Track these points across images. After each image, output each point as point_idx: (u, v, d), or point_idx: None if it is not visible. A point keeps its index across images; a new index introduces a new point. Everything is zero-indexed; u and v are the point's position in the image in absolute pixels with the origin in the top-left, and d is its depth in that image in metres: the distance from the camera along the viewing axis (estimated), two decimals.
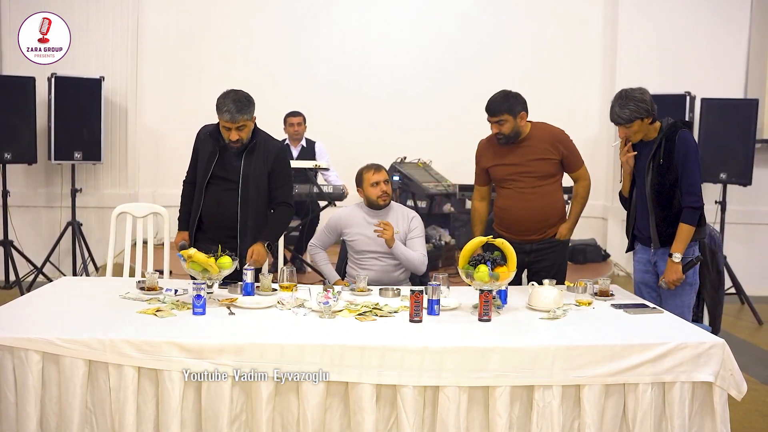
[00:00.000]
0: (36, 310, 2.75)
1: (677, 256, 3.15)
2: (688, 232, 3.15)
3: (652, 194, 3.22)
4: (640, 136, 3.23)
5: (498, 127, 3.46)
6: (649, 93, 3.20)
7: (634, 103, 3.12)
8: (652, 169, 3.21)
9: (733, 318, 5.70)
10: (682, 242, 3.15)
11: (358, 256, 3.70)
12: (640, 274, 3.41)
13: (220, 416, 2.34)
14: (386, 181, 3.70)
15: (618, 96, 3.20)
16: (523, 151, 3.51)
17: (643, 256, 3.38)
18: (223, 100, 3.23)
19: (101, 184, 6.51)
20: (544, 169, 3.51)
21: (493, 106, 3.47)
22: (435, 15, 7.29)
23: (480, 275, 2.78)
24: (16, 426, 2.35)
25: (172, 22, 6.93)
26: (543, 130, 3.57)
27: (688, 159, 3.15)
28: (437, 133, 7.14)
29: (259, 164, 3.36)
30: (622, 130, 3.22)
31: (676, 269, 3.15)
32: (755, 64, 6.56)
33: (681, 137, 3.18)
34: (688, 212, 3.15)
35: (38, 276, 5.89)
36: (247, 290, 3.01)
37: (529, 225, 3.52)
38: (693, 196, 3.16)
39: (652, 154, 3.21)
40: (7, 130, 5.66)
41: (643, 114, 3.14)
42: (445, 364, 2.35)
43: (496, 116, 3.45)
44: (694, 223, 3.15)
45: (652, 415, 2.42)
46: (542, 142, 3.52)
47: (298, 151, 6.13)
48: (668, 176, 3.18)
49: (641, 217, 3.33)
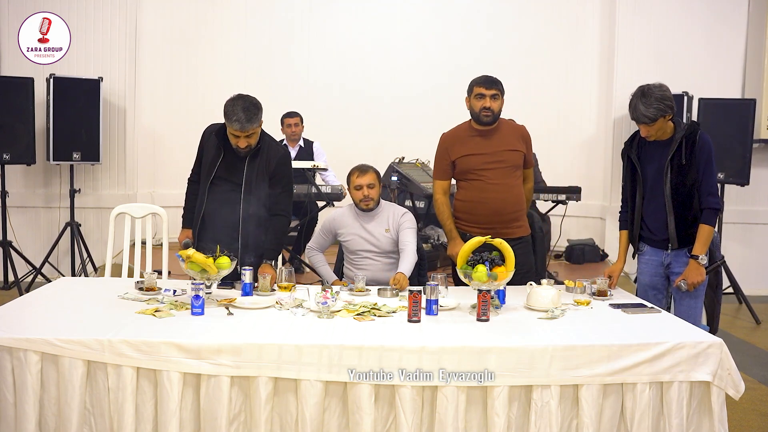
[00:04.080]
0: (35, 310, 2.76)
1: (703, 257, 3.11)
2: (709, 233, 3.12)
3: (672, 195, 3.16)
4: (659, 135, 3.16)
5: (490, 102, 3.44)
6: (669, 89, 3.13)
7: (657, 100, 3.05)
8: (671, 170, 3.15)
9: (731, 317, 5.72)
10: (704, 244, 3.12)
11: (352, 256, 3.70)
12: (648, 277, 3.33)
13: (218, 416, 2.34)
14: (370, 185, 3.60)
15: (640, 93, 3.11)
16: (494, 141, 3.51)
17: (653, 258, 3.30)
18: (232, 108, 3.17)
19: (100, 185, 6.51)
20: (514, 160, 3.52)
21: (489, 78, 3.48)
22: (432, 15, 7.29)
23: (478, 275, 2.78)
24: (14, 426, 2.35)
25: (170, 24, 6.93)
26: (509, 124, 3.62)
27: (709, 160, 3.12)
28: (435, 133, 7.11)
29: (262, 168, 3.35)
30: (644, 128, 3.14)
31: (701, 271, 3.11)
32: (752, 64, 6.57)
33: (702, 138, 3.13)
34: (709, 213, 3.12)
35: (37, 276, 5.90)
36: (245, 290, 3.01)
37: (496, 218, 3.48)
38: (714, 197, 3.13)
39: (671, 155, 3.14)
40: (6, 130, 5.66)
41: (667, 111, 3.08)
42: (444, 364, 2.36)
43: (492, 89, 3.45)
44: (714, 224, 3.14)
45: (650, 414, 2.43)
46: (512, 134, 3.55)
47: (296, 151, 6.13)
48: (689, 176, 3.12)
49: (654, 218, 3.25)
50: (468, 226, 3.55)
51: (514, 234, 3.51)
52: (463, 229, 3.57)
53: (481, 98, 3.46)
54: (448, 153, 3.60)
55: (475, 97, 3.48)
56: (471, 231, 3.49)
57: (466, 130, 3.59)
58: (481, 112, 3.46)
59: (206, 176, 3.38)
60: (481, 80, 3.49)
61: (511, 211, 3.52)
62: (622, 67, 6.69)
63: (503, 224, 3.49)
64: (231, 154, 3.33)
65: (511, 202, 3.52)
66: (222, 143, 3.34)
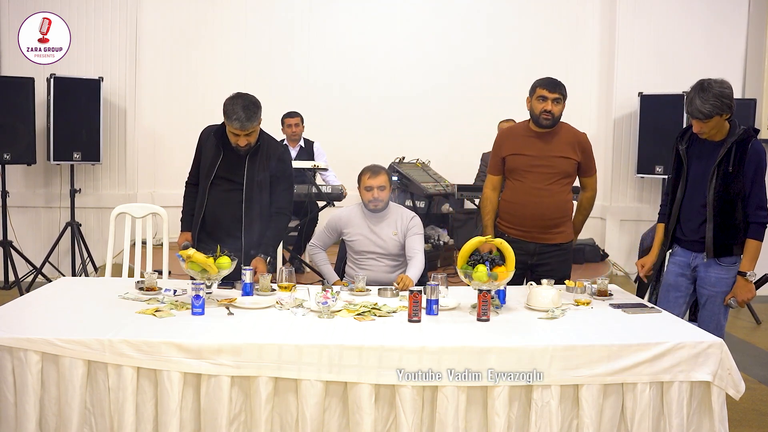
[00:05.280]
0: (35, 310, 2.76)
1: (752, 273, 3.00)
2: (757, 249, 3.00)
3: (715, 202, 3.01)
4: (713, 134, 3.01)
5: (552, 105, 3.36)
6: (731, 86, 2.95)
7: (716, 97, 2.89)
8: (717, 176, 3.00)
9: (731, 317, 5.71)
10: (752, 259, 3.00)
11: (357, 256, 3.70)
12: (674, 276, 3.24)
13: (219, 416, 2.34)
14: (381, 188, 3.60)
15: (699, 87, 2.94)
16: (546, 145, 3.44)
17: (682, 259, 3.21)
18: (232, 107, 3.19)
19: (100, 185, 6.52)
20: (562, 167, 3.43)
21: (554, 81, 3.40)
22: (432, 15, 7.29)
23: (478, 275, 2.78)
24: (15, 426, 2.35)
25: (170, 24, 6.93)
26: (569, 130, 3.51)
27: (760, 172, 2.96)
28: (435, 133, 7.16)
29: (262, 166, 3.36)
30: (697, 124, 2.98)
31: (750, 288, 3.01)
32: (753, 64, 6.57)
33: (754, 147, 2.97)
34: (757, 228, 2.99)
35: (37, 276, 5.90)
36: (246, 290, 3.01)
37: (535, 222, 3.43)
38: (763, 210, 2.98)
39: (719, 160, 2.99)
40: (7, 130, 5.66)
41: (725, 110, 2.91)
42: (444, 364, 2.36)
43: (556, 92, 3.37)
44: (762, 239, 2.99)
45: (651, 414, 2.43)
46: (566, 141, 3.46)
47: (297, 151, 6.13)
48: (734, 185, 2.98)
49: (689, 218, 3.13)
50: (507, 227, 3.52)
51: (554, 240, 3.47)
52: (502, 229, 3.53)
53: (543, 101, 3.38)
54: (501, 148, 3.56)
55: (537, 99, 3.40)
56: (509, 232, 3.47)
57: (523, 129, 3.53)
58: (541, 114, 3.39)
59: (206, 177, 3.38)
60: (545, 82, 3.41)
61: (552, 218, 3.44)
62: (622, 67, 6.70)
63: (542, 229, 3.45)
64: (230, 153, 3.34)
65: (553, 208, 3.44)
66: (221, 143, 3.34)
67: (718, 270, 3.09)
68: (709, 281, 3.11)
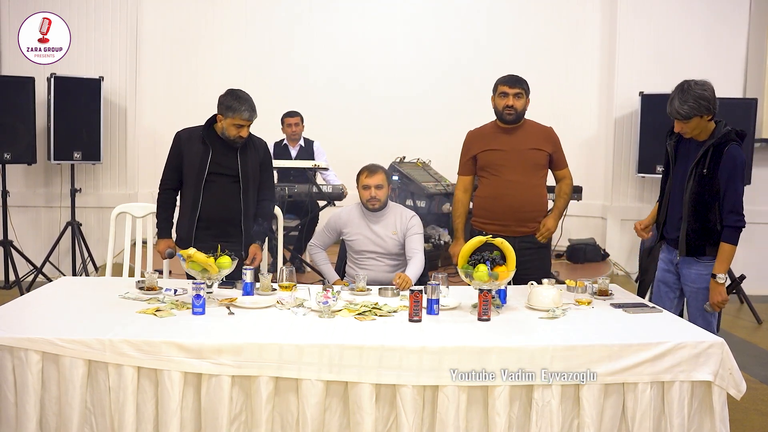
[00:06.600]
0: (36, 310, 2.76)
1: (721, 277, 2.98)
2: (730, 252, 2.99)
3: (690, 203, 3.04)
4: (696, 134, 3.02)
5: (513, 100, 3.47)
6: (713, 88, 2.97)
7: (694, 99, 2.92)
8: (693, 177, 3.02)
9: (732, 317, 5.72)
10: (725, 262, 2.98)
11: (357, 255, 3.69)
12: (662, 272, 3.29)
13: (219, 416, 2.34)
14: (378, 186, 3.62)
15: (679, 89, 2.98)
16: (516, 139, 3.53)
17: (667, 255, 3.26)
18: (236, 100, 3.31)
19: (100, 184, 6.52)
20: (535, 158, 3.52)
21: (514, 77, 3.50)
22: (432, 15, 7.29)
23: (479, 275, 2.78)
24: (15, 426, 2.35)
25: (170, 24, 6.93)
26: (534, 125, 3.63)
27: (733, 177, 2.96)
28: (436, 132, 7.14)
29: (252, 158, 3.49)
30: (678, 124, 3.02)
31: (720, 291, 2.99)
32: (754, 64, 6.57)
33: (729, 153, 2.96)
34: (730, 231, 2.98)
35: (38, 276, 5.90)
36: (246, 290, 3.01)
37: (513, 214, 3.49)
38: (736, 215, 2.98)
39: (696, 161, 3.01)
40: (7, 130, 5.66)
41: (703, 111, 2.93)
42: (445, 364, 2.36)
43: (516, 87, 3.48)
44: (735, 243, 2.98)
45: (651, 414, 2.42)
46: (534, 134, 3.56)
47: (297, 151, 6.13)
48: (709, 188, 2.99)
49: (672, 217, 3.17)
50: (484, 223, 3.55)
51: (532, 231, 3.53)
52: (479, 226, 3.57)
53: (504, 97, 3.50)
54: (470, 147, 3.64)
55: (499, 96, 3.52)
56: (486, 228, 3.49)
57: (491, 128, 3.63)
58: (504, 110, 3.50)
59: (197, 176, 3.42)
60: (505, 79, 3.53)
61: (529, 210, 3.52)
62: (623, 67, 6.69)
63: (519, 222, 3.50)
64: (219, 149, 3.42)
65: (530, 200, 3.52)
66: (209, 140, 3.40)
67: (698, 267, 3.11)
68: (690, 278, 3.14)
